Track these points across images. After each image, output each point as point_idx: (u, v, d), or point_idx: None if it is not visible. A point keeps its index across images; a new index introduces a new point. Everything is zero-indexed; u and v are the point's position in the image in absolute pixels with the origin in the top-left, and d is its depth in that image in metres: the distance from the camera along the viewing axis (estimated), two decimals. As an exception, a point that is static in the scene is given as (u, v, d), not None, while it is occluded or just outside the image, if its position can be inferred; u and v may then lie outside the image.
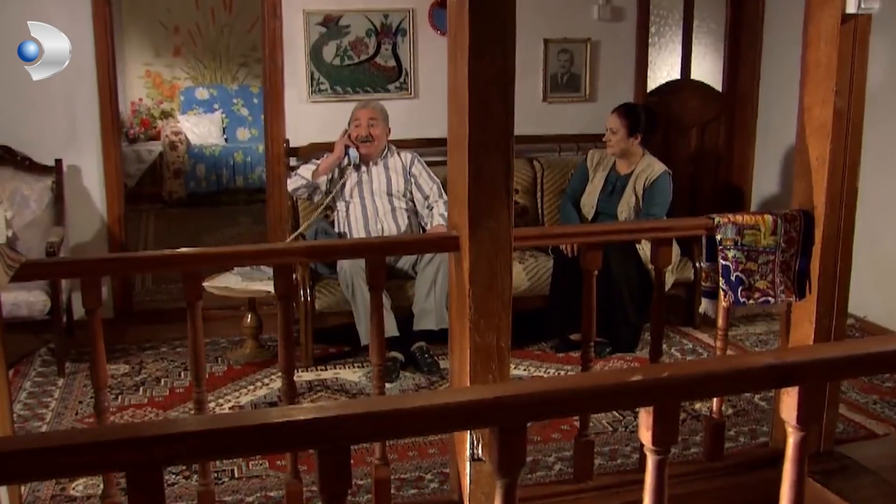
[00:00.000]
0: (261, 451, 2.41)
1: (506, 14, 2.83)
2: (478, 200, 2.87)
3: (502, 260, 2.94)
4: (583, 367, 3.43)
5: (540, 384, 2.12)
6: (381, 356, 3.12)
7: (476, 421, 1.80)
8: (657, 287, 3.49)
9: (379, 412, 1.61)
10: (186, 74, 10.83)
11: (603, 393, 1.77)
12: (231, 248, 3.66)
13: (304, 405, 3.70)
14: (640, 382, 1.76)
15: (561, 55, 6.26)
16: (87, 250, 5.56)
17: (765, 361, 1.94)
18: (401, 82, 5.97)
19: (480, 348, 2.95)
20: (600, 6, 6.30)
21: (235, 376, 4.86)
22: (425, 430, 1.98)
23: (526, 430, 1.69)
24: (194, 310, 2.88)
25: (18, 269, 2.57)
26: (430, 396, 2.21)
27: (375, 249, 3.16)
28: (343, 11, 5.80)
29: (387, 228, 5.16)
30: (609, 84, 6.43)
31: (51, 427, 4.26)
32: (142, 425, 3.02)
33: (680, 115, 6.91)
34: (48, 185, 5.38)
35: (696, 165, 6.97)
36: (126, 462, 1.52)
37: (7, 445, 1.62)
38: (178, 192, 9.87)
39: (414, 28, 5.94)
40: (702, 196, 6.88)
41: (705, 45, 7.08)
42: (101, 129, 5.58)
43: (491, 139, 2.86)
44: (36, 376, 4.87)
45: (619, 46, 6.43)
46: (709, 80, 7.04)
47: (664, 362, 3.76)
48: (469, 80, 2.80)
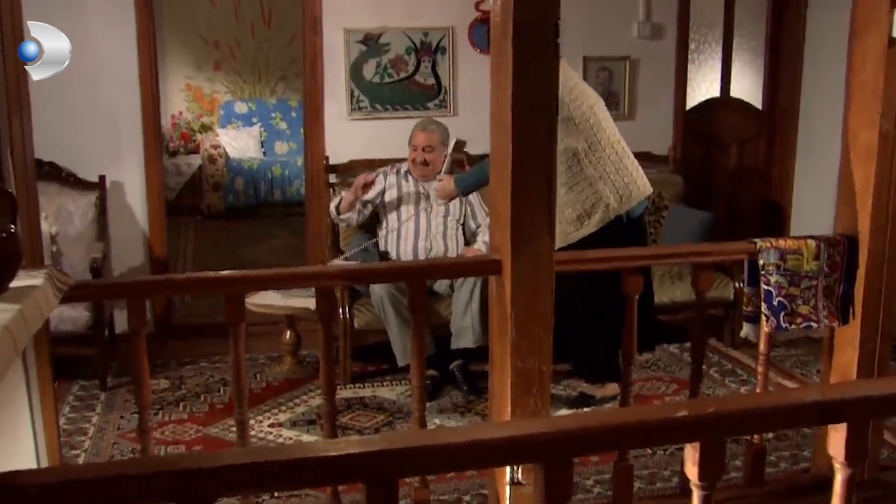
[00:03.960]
0: (310, 485, 2.41)
1: (549, 35, 2.84)
2: (520, 224, 2.87)
3: (544, 283, 2.93)
4: (623, 391, 3.41)
5: (586, 419, 2.11)
6: (422, 378, 3.12)
7: (523, 456, 1.80)
8: (698, 311, 3.48)
9: (429, 446, 1.61)
10: (226, 88, 10.94)
11: (649, 429, 1.76)
12: (273, 270, 3.67)
13: (352, 438, 3.69)
14: (685, 418, 1.76)
15: (600, 73, 6.25)
16: (129, 265, 5.63)
17: (811, 398, 1.92)
18: (440, 100, 5.99)
19: (521, 372, 2.94)
20: (640, 24, 6.29)
21: (274, 393, 4.88)
22: (474, 465, 1.99)
23: (572, 465, 1.69)
24: (237, 332, 2.90)
25: (67, 291, 2.60)
26: (477, 430, 2.21)
27: (416, 273, 3.16)
28: (383, 29, 5.83)
29: (435, 247, 5.16)
30: (648, 102, 6.42)
31: (93, 442, 4.31)
32: (190, 457, 3.04)
33: (719, 133, 6.89)
34: (92, 201, 5.45)
35: (735, 183, 6.95)
36: (173, 496, 1.53)
37: (53, 476, 1.64)
38: (217, 206, 9.95)
39: (453, 46, 5.97)
40: (741, 214, 6.84)
41: (745, 62, 7.04)
42: (143, 145, 5.66)
43: (534, 162, 2.85)
44: (78, 390, 4.93)
45: (659, 64, 6.41)
46: (748, 97, 7.00)
47: (707, 396, 3.73)
48: (512, 102, 2.80)
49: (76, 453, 4.17)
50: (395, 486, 1.59)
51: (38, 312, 2.29)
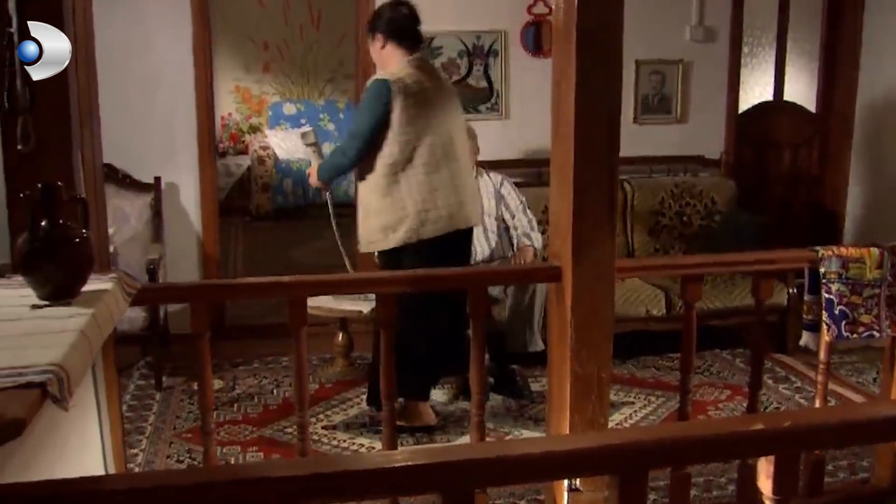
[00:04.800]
0: (385, 495, 2.41)
1: (612, 43, 2.84)
2: (581, 232, 2.87)
3: (604, 290, 2.94)
4: (682, 400, 3.39)
5: (661, 432, 2.11)
6: (482, 384, 3.12)
7: (599, 468, 1.80)
8: (758, 320, 3.45)
9: (508, 457, 1.61)
10: (274, 90, 11.02)
11: (725, 442, 1.75)
12: (336, 276, 3.70)
13: (429, 446, 3.64)
14: (761, 432, 1.75)
15: (652, 76, 6.23)
16: (182, 266, 5.69)
17: (891, 412, 1.90)
18: (492, 103, 6.00)
19: (580, 378, 2.95)
20: (693, 27, 6.25)
21: (327, 395, 4.91)
22: (550, 476, 1.98)
23: (647, 478, 1.69)
24: (299, 335, 2.92)
25: (135, 295, 2.64)
26: (552, 442, 2.21)
27: (477, 280, 3.17)
28: (436, 33, 5.84)
29: (479, 250, 5.18)
30: (700, 105, 6.39)
31: (151, 441, 4.36)
32: (257, 466, 3.07)
33: (772, 137, 6.83)
34: (147, 202, 5.53)
35: (787, 187, 6.89)
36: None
37: (118, 483, 1.67)
38: (266, 206, 10.02)
39: (506, 49, 5.97)
40: (793, 219, 6.77)
41: (799, 65, 6.97)
42: (198, 147, 5.72)
43: (595, 170, 2.86)
44: (135, 389, 4.99)
45: (711, 67, 6.37)
46: (802, 100, 6.93)
47: (762, 411, 3.70)
48: (575, 110, 2.80)
49: (134, 452, 4.22)
50: (472, 497, 1.60)
51: (109, 317, 2.33)
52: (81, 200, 2.43)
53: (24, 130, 2.53)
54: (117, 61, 4.89)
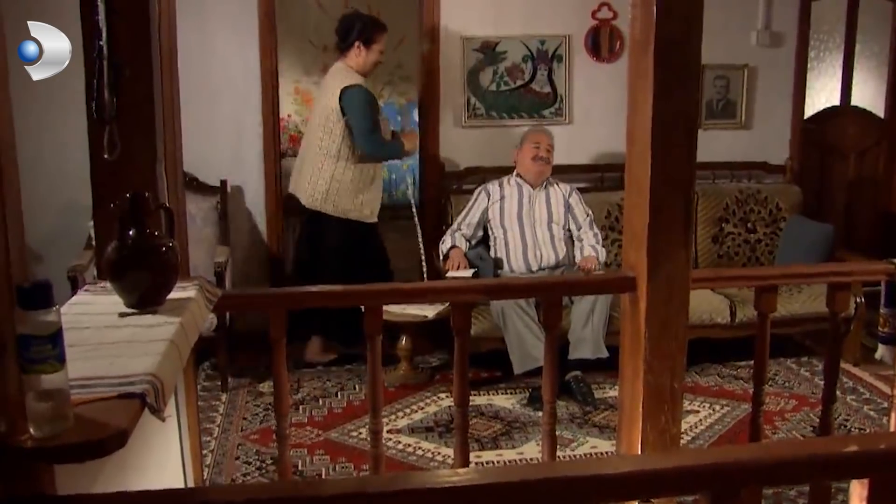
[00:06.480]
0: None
1: (692, 56, 2.81)
2: (656, 243, 2.85)
3: (679, 301, 2.91)
4: (753, 410, 3.36)
5: (757, 450, 2.09)
6: (554, 393, 3.12)
7: (692, 486, 1.79)
8: (832, 332, 3.40)
9: (601, 476, 1.62)
10: (333, 92, 11.05)
11: (818, 463, 1.74)
12: (412, 284, 3.76)
13: (519, 466, 3.58)
14: (855, 454, 1.73)
15: (717, 81, 6.17)
16: (247, 269, 5.77)
17: None
18: (556, 108, 5.99)
19: (653, 389, 2.93)
20: (759, 32, 6.19)
21: (390, 399, 4.94)
22: (640, 495, 1.97)
23: (740, 496, 1.68)
24: (374, 343, 2.94)
25: (216, 302, 2.68)
26: (642, 460, 2.21)
27: (551, 289, 3.17)
28: (500, 38, 5.86)
29: (545, 257, 5.19)
30: (765, 110, 6.32)
31: (219, 443, 4.42)
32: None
33: (837, 142, 6.74)
34: (213, 205, 5.60)
35: (853, 193, 6.79)
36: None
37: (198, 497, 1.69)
38: (324, 207, 10.06)
39: (570, 54, 5.95)
40: (859, 226, 6.68)
41: (867, 69, 6.87)
42: (263, 150, 5.78)
43: (672, 181, 2.83)
44: (201, 391, 5.04)
45: (777, 72, 6.30)
46: (870, 105, 6.83)
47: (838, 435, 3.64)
48: (653, 121, 2.79)
49: (202, 454, 4.27)
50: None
51: (194, 325, 2.36)
52: (167, 209, 2.47)
53: (111, 139, 2.58)
54: (185, 66, 4.92)
